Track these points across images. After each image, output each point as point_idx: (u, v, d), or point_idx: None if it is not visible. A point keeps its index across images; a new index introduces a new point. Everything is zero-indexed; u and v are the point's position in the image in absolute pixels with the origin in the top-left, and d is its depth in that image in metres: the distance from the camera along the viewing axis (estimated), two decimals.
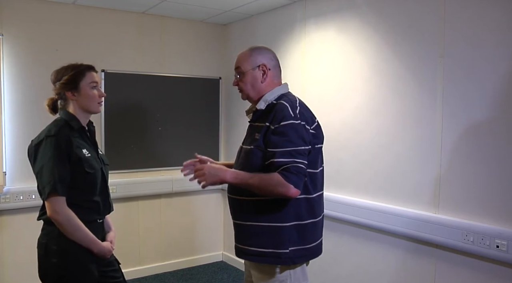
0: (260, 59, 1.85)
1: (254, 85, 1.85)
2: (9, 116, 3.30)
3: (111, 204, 2.07)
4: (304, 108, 1.80)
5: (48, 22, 3.43)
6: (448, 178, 2.36)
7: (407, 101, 2.59)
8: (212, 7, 3.67)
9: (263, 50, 1.90)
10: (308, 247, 1.79)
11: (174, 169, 4.04)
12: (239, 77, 1.88)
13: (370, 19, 2.81)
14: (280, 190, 1.63)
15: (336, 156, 3.06)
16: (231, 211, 1.90)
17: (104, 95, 2.01)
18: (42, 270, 1.90)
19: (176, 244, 4.14)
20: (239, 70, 1.87)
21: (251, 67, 1.84)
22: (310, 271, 1.91)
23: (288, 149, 1.66)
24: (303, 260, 1.80)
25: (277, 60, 1.92)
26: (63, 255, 1.84)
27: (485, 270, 2.20)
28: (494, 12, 2.15)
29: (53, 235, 1.84)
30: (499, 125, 2.14)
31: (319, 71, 3.23)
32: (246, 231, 1.81)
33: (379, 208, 2.70)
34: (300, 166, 1.65)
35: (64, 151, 1.81)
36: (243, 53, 1.89)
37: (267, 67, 1.85)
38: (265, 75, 1.85)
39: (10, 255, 3.33)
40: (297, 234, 1.75)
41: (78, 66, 1.96)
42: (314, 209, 1.80)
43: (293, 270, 1.77)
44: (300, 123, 1.71)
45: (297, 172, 1.64)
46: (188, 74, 4.12)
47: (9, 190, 3.27)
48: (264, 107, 1.81)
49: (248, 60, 1.85)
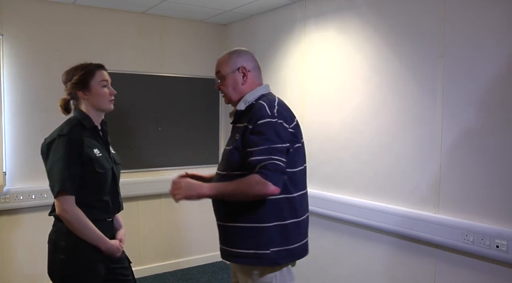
0: (239, 61, 1.87)
1: (235, 88, 1.87)
2: (9, 117, 3.30)
3: (121, 203, 2.09)
4: (282, 107, 1.80)
5: (48, 22, 3.43)
6: (448, 178, 2.36)
7: (407, 101, 2.59)
8: (212, 7, 3.67)
9: (242, 52, 1.92)
10: (291, 248, 1.78)
11: (174, 169, 4.04)
12: (220, 81, 1.91)
13: (370, 19, 2.81)
14: (258, 188, 1.62)
15: (336, 156, 3.07)
16: (215, 213, 1.91)
17: (114, 92, 2.01)
18: (50, 266, 1.91)
19: (176, 244, 4.14)
20: (220, 74, 1.90)
21: (231, 70, 1.87)
22: (310, 271, 1.91)
23: (265, 146, 1.66)
24: (287, 261, 1.78)
25: (256, 62, 1.94)
26: (71, 252, 1.85)
27: (485, 270, 2.20)
28: (494, 12, 2.15)
29: (63, 232, 1.85)
30: (499, 125, 2.14)
31: (319, 71, 3.23)
32: (228, 232, 1.82)
33: (379, 208, 2.70)
34: (277, 163, 1.64)
35: (75, 150, 1.83)
36: (222, 57, 1.92)
37: (246, 69, 1.87)
38: (245, 77, 1.87)
39: (10, 255, 3.33)
40: (279, 235, 1.74)
41: (88, 66, 1.97)
42: (296, 209, 1.80)
43: (279, 272, 1.77)
44: (277, 121, 1.72)
45: (275, 169, 1.63)
46: (188, 74, 4.12)
47: (9, 190, 3.27)
48: (244, 108, 1.83)
49: (227, 64, 1.88)
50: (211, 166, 4.26)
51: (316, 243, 3.23)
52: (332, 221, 3.08)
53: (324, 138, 3.16)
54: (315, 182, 3.24)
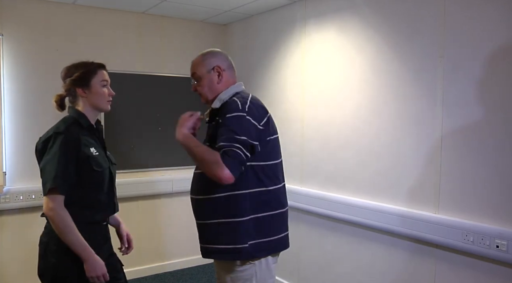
0: (214, 61, 1.91)
1: (211, 87, 1.91)
2: (9, 117, 3.30)
3: (116, 204, 2.06)
4: (254, 104, 1.82)
5: (48, 22, 3.43)
6: (448, 178, 2.36)
7: (407, 101, 2.59)
8: (212, 7, 3.67)
9: (216, 53, 1.96)
10: (267, 241, 1.80)
11: (174, 169, 4.04)
12: (196, 82, 1.94)
13: (370, 19, 2.81)
14: (215, 168, 1.65)
15: (336, 156, 3.07)
16: (193, 212, 1.93)
17: (113, 94, 2.01)
18: (41, 269, 1.90)
19: (176, 244, 4.14)
20: (196, 75, 1.93)
21: (206, 70, 1.90)
22: (309, 271, 1.91)
23: (229, 136, 1.69)
24: (264, 254, 1.81)
25: (230, 61, 1.98)
26: (62, 256, 1.83)
27: (485, 270, 2.20)
28: (494, 12, 2.15)
29: (54, 235, 1.83)
30: (499, 125, 2.14)
31: (319, 71, 3.23)
32: (206, 229, 1.84)
33: (379, 208, 2.70)
34: (238, 151, 1.66)
35: (71, 149, 1.81)
36: (196, 59, 1.95)
37: (221, 69, 1.91)
38: (220, 76, 1.90)
39: (10, 255, 3.33)
40: (254, 228, 1.77)
41: (90, 64, 1.96)
42: (271, 202, 1.83)
43: (258, 268, 1.79)
44: (245, 116, 1.74)
45: (234, 157, 1.65)
46: (188, 74, 4.09)
47: (9, 190, 3.27)
48: (219, 106, 1.86)
49: (202, 65, 1.91)
50: None
51: (316, 243, 3.23)
52: (332, 221, 3.08)
53: (324, 138, 3.16)
54: (315, 182, 3.24)
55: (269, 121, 1.86)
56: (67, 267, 1.84)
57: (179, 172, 4.10)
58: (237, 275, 1.79)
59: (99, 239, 1.93)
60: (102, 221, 1.98)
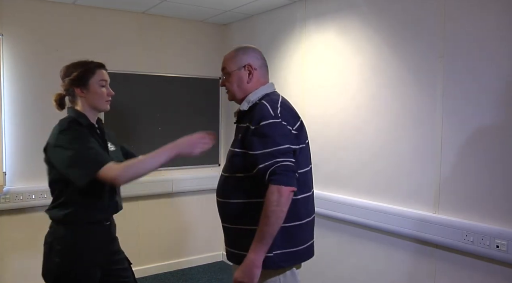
0: (245, 59, 1.83)
1: (240, 86, 1.83)
2: (9, 116, 3.30)
3: (119, 203, 2.04)
4: (285, 108, 1.76)
5: (48, 22, 3.43)
6: (448, 178, 2.36)
7: (407, 101, 2.59)
8: (212, 7, 3.67)
9: (249, 50, 1.87)
10: (294, 251, 1.74)
11: (174, 169, 4.04)
12: (225, 78, 1.87)
13: (370, 19, 2.81)
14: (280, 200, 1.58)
15: (336, 156, 3.07)
16: (219, 214, 1.87)
17: (112, 94, 1.98)
18: (45, 268, 1.90)
19: (176, 244, 4.14)
20: (225, 70, 1.86)
21: (237, 67, 1.82)
22: (309, 271, 1.91)
23: (269, 149, 1.62)
24: (290, 264, 1.75)
25: (263, 60, 1.90)
26: (66, 256, 1.83)
27: (485, 270, 2.20)
28: (494, 12, 2.15)
29: (58, 235, 1.84)
30: (499, 125, 2.14)
31: (319, 71, 3.23)
32: (232, 234, 1.79)
33: (379, 208, 2.70)
34: (284, 164, 1.60)
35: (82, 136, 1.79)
36: (228, 54, 1.88)
37: (252, 67, 1.83)
38: (250, 75, 1.82)
39: (10, 255, 3.33)
40: (281, 238, 1.69)
41: (89, 63, 1.93)
42: (299, 212, 1.75)
43: (283, 275, 1.74)
44: (281, 122, 1.68)
45: (284, 170, 1.59)
46: (188, 74, 4.12)
47: (9, 190, 3.27)
48: (247, 108, 1.79)
49: (233, 61, 1.84)
50: (211, 166, 4.27)
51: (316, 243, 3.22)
52: (332, 221, 3.08)
53: (325, 138, 3.16)
54: (315, 182, 3.23)
55: (302, 127, 1.80)
56: (71, 266, 1.84)
57: (179, 172, 4.10)
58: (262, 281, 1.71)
59: (101, 239, 1.93)
60: (104, 220, 1.97)
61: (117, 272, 2.00)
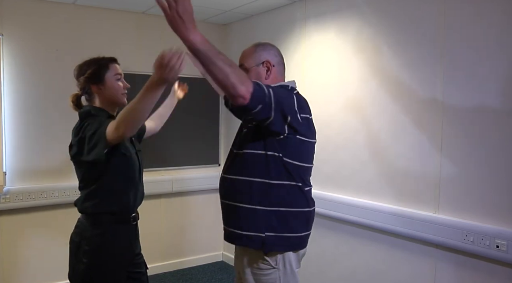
0: (264, 55, 1.84)
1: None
2: (9, 116, 3.29)
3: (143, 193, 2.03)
4: (303, 99, 1.80)
5: (48, 22, 3.43)
6: (448, 178, 2.36)
7: (407, 101, 2.59)
8: (212, 7, 3.67)
9: (268, 46, 1.88)
10: (287, 236, 1.75)
11: (174, 169, 4.04)
12: None
13: (370, 19, 2.81)
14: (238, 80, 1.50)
15: (336, 156, 3.06)
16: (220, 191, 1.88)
17: (128, 86, 1.98)
18: (72, 268, 1.87)
19: (176, 244, 4.14)
20: (243, 67, 1.85)
21: (255, 63, 1.83)
22: (309, 271, 1.90)
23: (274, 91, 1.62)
24: (281, 249, 1.76)
25: (281, 57, 1.90)
26: (94, 257, 1.81)
27: (485, 270, 2.20)
28: (494, 12, 2.15)
29: (86, 235, 1.82)
30: (498, 125, 2.14)
31: (319, 71, 3.23)
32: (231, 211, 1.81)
33: (379, 208, 2.70)
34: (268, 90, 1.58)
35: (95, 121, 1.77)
36: (247, 50, 1.88)
37: (271, 64, 1.83)
38: (269, 72, 1.83)
39: (10, 255, 3.33)
40: (276, 220, 1.72)
41: (101, 59, 1.94)
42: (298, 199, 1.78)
43: (282, 273, 1.76)
44: (293, 97, 1.71)
45: (263, 89, 1.57)
46: (188, 74, 4.11)
47: (9, 190, 3.27)
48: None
49: (252, 57, 1.84)
50: (211, 166, 4.27)
51: (316, 243, 3.23)
52: (332, 221, 3.08)
53: (325, 138, 3.15)
54: (315, 182, 3.22)
55: (311, 122, 1.81)
56: (99, 267, 1.81)
57: (179, 172, 4.10)
58: (261, 278, 1.76)
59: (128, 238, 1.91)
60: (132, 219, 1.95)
61: (136, 275, 1.97)
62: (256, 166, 1.72)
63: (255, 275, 1.77)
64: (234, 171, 1.80)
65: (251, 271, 1.79)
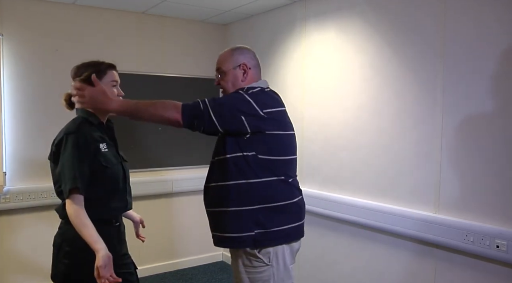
0: (241, 58, 1.91)
1: (235, 84, 1.90)
2: (9, 116, 3.30)
3: (128, 202, 2.05)
4: (266, 94, 1.85)
5: (48, 22, 3.43)
6: (448, 178, 2.36)
7: (407, 101, 2.59)
8: (212, 7, 3.67)
9: (244, 50, 1.95)
10: (277, 230, 1.80)
11: (174, 169, 4.04)
12: (220, 76, 1.94)
13: (370, 19, 2.81)
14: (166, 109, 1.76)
15: (336, 156, 3.06)
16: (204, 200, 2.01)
17: (122, 94, 1.99)
18: (54, 269, 1.88)
19: (176, 244, 4.14)
20: (221, 70, 1.93)
21: (232, 66, 1.90)
22: (309, 271, 1.91)
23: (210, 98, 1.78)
24: (273, 243, 1.80)
25: (257, 60, 1.98)
26: (75, 257, 1.81)
27: (485, 270, 2.20)
28: (494, 12, 2.15)
29: (68, 236, 1.82)
30: (498, 125, 2.14)
31: (319, 71, 3.23)
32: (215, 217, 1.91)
33: (379, 208, 2.70)
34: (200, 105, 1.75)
35: (83, 147, 1.79)
36: (224, 53, 1.95)
37: (247, 66, 1.90)
38: (245, 74, 1.90)
39: (10, 255, 3.33)
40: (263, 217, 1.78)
41: (100, 64, 1.94)
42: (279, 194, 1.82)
43: (276, 269, 1.79)
44: (244, 97, 1.77)
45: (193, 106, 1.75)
46: (188, 74, 4.12)
47: (9, 190, 3.27)
48: None
49: (229, 60, 1.91)
50: None
51: (316, 243, 3.23)
52: (332, 221, 3.07)
53: (325, 138, 3.16)
54: (315, 182, 3.24)
55: (280, 115, 1.84)
56: (80, 268, 1.81)
57: (179, 172, 4.10)
58: (255, 276, 1.80)
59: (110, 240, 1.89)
60: (113, 219, 1.96)
61: (123, 275, 1.98)
62: (230, 170, 1.79)
63: (249, 273, 1.81)
64: (213, 179, 1.89)
65: (245, 270, 1.82)
